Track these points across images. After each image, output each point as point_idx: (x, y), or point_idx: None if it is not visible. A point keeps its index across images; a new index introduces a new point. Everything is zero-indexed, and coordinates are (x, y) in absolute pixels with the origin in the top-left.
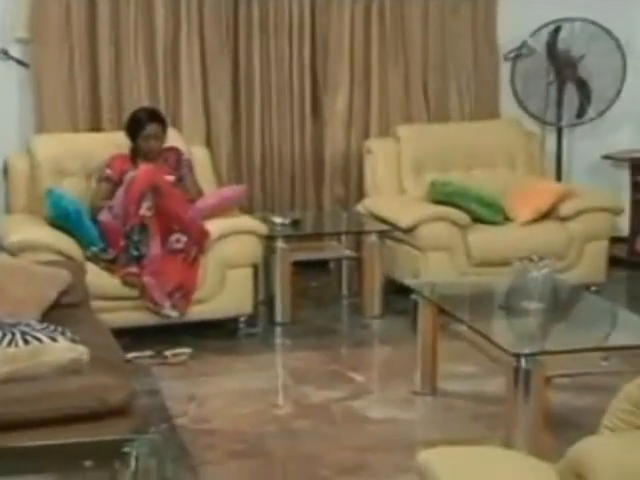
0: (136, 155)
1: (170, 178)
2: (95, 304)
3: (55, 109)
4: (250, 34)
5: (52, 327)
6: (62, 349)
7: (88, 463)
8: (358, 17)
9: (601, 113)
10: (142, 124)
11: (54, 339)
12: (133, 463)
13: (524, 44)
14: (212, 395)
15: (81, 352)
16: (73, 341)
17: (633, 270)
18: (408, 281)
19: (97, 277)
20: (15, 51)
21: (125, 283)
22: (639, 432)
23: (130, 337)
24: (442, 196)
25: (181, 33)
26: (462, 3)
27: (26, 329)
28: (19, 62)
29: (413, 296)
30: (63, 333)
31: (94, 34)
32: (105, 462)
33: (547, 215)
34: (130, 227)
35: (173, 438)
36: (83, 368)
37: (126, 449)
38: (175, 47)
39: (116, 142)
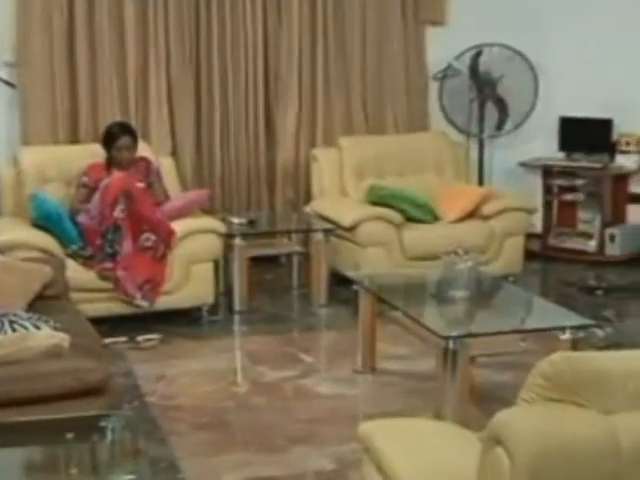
0: (110, 164)
1: (141, 185)
2: (74, 296)
3: (39, 124)
4: (210, 60)
5: (36, 316)
6: (45, 336)
7: (69, 436)
8: (305, 44)
9: (517, 126)
10: (115, 137)
11: (38, 327)
12: (109, 436)
13: (450, 66)
14: (179, 375)
15: (62, 338)
16: (55, 329)
17: (545, 262)
18: (350, 273)
19: (76, 272)
20: (3, 73)
21: (101, 277)
22: (550, 404)
23: (106, 325)
24: (379, 198)
25: (149, 58)
26: (396, 31)
27: (14, 318)
28: (7, 83)
29: (354, 286)
30: (46, 322)
31: (73, 59)
32: (84, 435)
33: (471, 215)
34: (105, 228)
35: (144, 413)
36: (64, 352)
37: (103, 424)
38: (144, 70)
39: (92, 153)
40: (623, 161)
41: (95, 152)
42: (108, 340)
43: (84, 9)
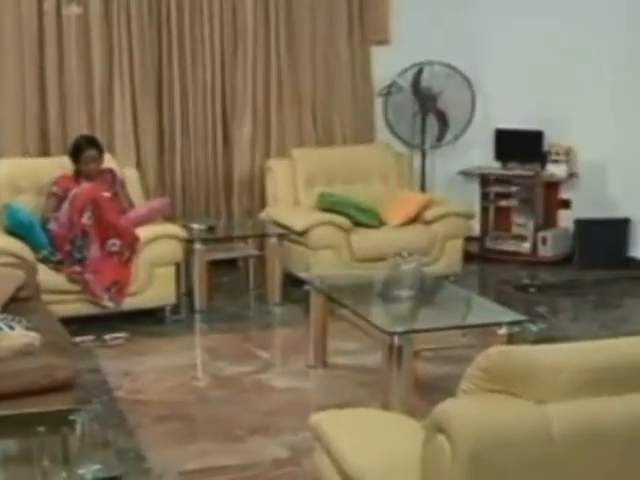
0: (78, 175)
1: (107, 194)
2: (45, 297)
3: (11, 138)
4: (172, 77)
5: (10, 317)
6: (18, 335)
7: (41, 430)
8: (259, 63)
9: (456, 137)
10: (82, 149)
11: (11, 327)
12: (79, 429)
13: (394, 82)
14: (144, 371)
15: (34, 337)
16: (27, 328)
17: (483, 263)
18: (302, 274)
19: (47, 275)
20: None
21: (70, 280)
22: (488, 394)
23: (75, 324)
24: (328, 205)
25: (114, 76)
26: (343, 50)
27: None
28: None
29: (306, 287)
30: (19, 322)
31: (43, 77)
32: (55, 428)
33: (415, 220)
34: (74, 234)
35: (112, 407)
36: (36, 351)
37: (72, 417)
38: (109, 88)
39: (61, 165)
40: (553, 170)
41: (64, 164)
42: (77, 339)
43: (53, 32)
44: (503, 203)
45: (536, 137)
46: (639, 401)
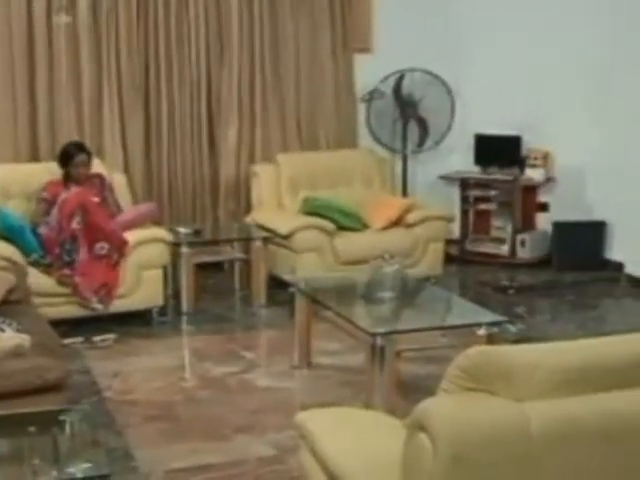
0: (67, 180)
1: (96, 199)
2: (36, 300)
3: (2, 145)
4: (159, 85)
5: (1, 319)
6: (8, 337)
7: (32, 429)
8: (245, 69)
9: (437, 143)
10: (72, 154)
11: (2, 329)
12: (69, 429)
13: (376, 89)
14: (132, 372)
15: (24, 339)
16: (18, 330)
17: (463, 265)
18: (287, 277)
19: (37, 278)
20: None
21: (60, 283)
22: (468, 393)
23: (65, 326)
24: (312, 209)
25: (103, 84)
26: (327, 58)
27: None
28: None
29: (291, 289)
30: (10, 324)
31: (33, 85)
32: (46, 428)
33: (396, 223)
34: (63, 238)
35: (101, 407)
36: (26, 352)
37: (63, 417)
38: (98, 95)
39: (51, 170)
40: (531, 174)
41: (53, 170)
42: (67, 340)
43: (44, 41)
44: (482, 206)
45: (514, 142)
46: (613, 400)
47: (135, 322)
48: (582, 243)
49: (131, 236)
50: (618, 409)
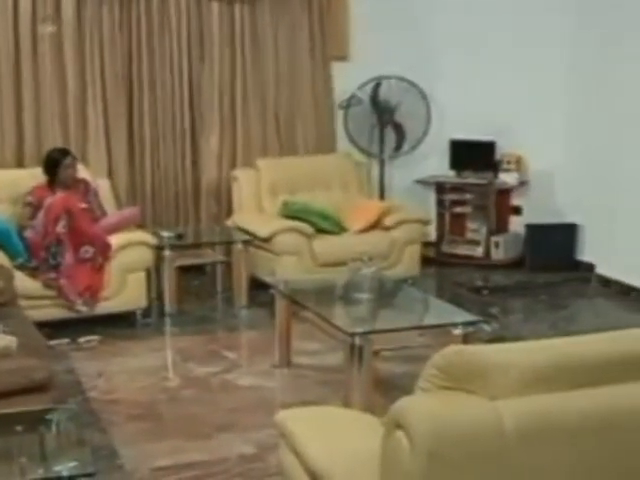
0: (52, 185)
1: (82, 205)
2: (22, 303)
3: None
4: (142, 91)
5: None
6: None
7: (19, 429)
8: (225, 77)
9: (413, 147)
10: (59, 159)
11: None
12: (55, 428)
13: (353, 96)
14: (117, 372)
15: (11, 340)
16: (4, 332)
17: (439, 267)
18: (267, 278)
19: (23, 281)
20: None
21: (45, 286)
22: (444, 391)
23: (50, 328)
24: (291, 212)
25: (87, 91)
26: (305, 65)
27: None
28: None
29: (271, 290)
30: None
31: (19, 92)
32: (32, 427)
33: (374, 226)
34: (49, 242)
35: (86, 407)
36: (13, 353)
37: (49, 417)
38: (83, 102)
39: (36, 176)
40: (505, 178)
41: (39, 175)
42: (52, 342)
43: (29, 50)
44: (458, 210)
45: (489, 147)
46: (584, 397)
47: (119, 324)
48: (554, 245)
49: (115, 240)
50: (589, 406)
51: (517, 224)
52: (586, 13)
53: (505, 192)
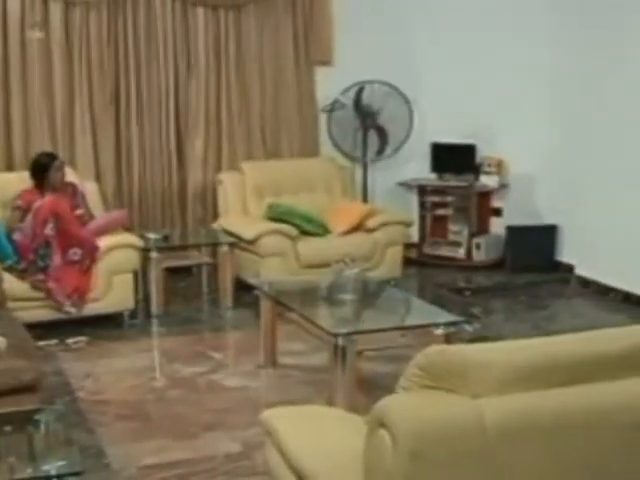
0: (40, 188)
1: (70, 208)
2: (11, 304)
3: None
4: (129, 96)
5: None
6: None
7: (7, 429)
8: (211, 81)
9: (395, 151)
10: (48, 163)
11: None
12: (43, 428)
13: (337, 100)
14: (104, 373)
15: (0, 342)
16: None
17: (421, 268)
18: (252, 280)
19: (12, 283)
20: None
21: (34, 287)
22: (426, 390)
23: (39, 329)
24: (276, 215)
25: (75, 96)
26: (289, 70)
27: None
28: None
29: (256, 292)
30: None
31: (7, 97)
32: (21, 427)
33: (357, 228)
34: (37, 244)
35: (74, 407)
36: (2, 354)
37: (37, 417)
38: (70, 106)
39: (25, 179)
40: (486, 180)
41: (27, 179)
42: (41, 343)
43: (17, 54)
44: (439, 212)
45: (469, 150)
46: (564, 395)
47: (107, 325)
48: (534, 246)
49: (102, 242)
50: (569, 404)
51: (498, 226)
52: (567, 17)
53: (486, 194)
